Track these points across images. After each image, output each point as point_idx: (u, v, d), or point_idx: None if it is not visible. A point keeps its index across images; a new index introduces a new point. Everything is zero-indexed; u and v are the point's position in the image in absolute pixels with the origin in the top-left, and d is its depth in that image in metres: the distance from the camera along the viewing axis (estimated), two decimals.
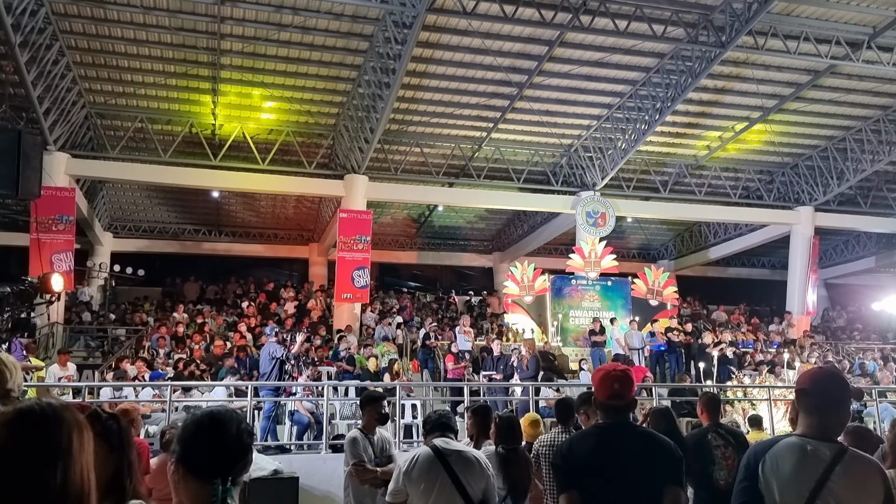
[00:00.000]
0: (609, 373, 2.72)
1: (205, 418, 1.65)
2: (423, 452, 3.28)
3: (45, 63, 11.86)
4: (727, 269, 24.98)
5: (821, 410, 2.24)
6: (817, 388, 2.27)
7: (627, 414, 2.74)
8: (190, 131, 15.20)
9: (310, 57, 12.92)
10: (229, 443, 1.60)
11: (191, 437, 1.62)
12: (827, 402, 2.25)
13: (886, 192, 19.09)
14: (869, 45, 12.41)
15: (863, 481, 2.12)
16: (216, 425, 1.61)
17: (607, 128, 15.81)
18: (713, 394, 5.27)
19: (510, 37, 12.36)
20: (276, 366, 9.94)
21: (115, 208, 20.17)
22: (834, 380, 2.33)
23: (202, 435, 1.60)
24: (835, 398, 2.26)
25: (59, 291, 7.51)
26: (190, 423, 1.66)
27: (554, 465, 2.84)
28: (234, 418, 1.66)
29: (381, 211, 20.25)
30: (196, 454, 1.58)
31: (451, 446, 3.31)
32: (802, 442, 2.19)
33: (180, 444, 1.61)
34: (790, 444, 2.20)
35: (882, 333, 20.73)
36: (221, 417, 1.64)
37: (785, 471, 2.14)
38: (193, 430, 1.63)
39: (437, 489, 3.14)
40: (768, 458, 2.18)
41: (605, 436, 2.65)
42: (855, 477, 2.11)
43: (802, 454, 2.16)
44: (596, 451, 2.58)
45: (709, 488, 4.40)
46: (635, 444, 2.59)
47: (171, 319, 14.92)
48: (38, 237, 12.99)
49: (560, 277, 16.31)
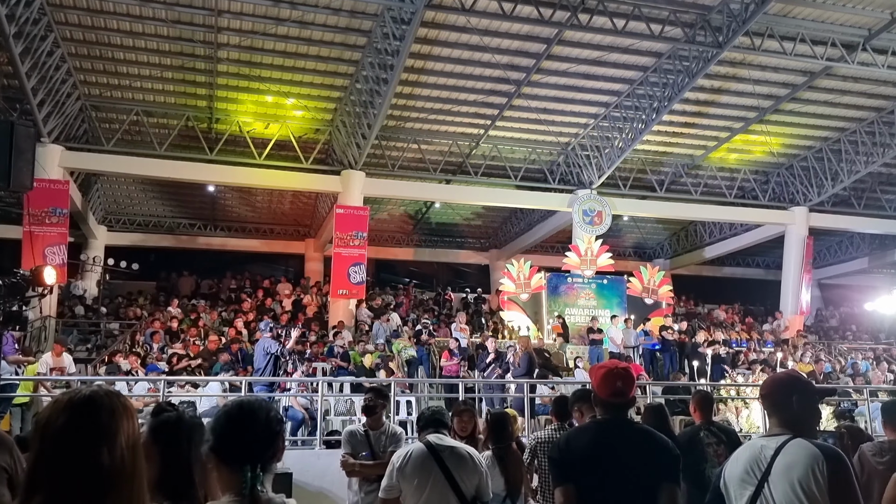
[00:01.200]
0: (611, 370, 2.73)
1: (234, 408, 1.71)
2: (417, 448, 3.29)
3: (39, 54, 11.78)
4: (722, 269, 25.08)
5: (776, 409, 2.42)
6: (767, 391, 2.50)
7: (626, 411, 2.75)
8: (186, 125, 15.12)
9: (307, 52, 12.87)
10: (257, 430, 1.66)
11: (221, 426, 1.68)
12: (776, 402, 2.44)
13: (880, 193, 19.19)
14: (864, 47, 12.46)
15: (795, 465, 2.18)
16: (244, 414, 1.68)
17: (604, 126, 15.83)
18: (706, 392, 5.29)
19: (508, 34, 12.35)
20: (270, 361, 9.93)
21: (110, 201, 20.07)
22: (784, 381, 2.52)
23: (230, 424, 1.67)
24: (781, 396, 2.43)
25: (51, 284, 7.49)
26: (221, 413, 1.73)
27: (551, 459, 2.85)
28: (262, 407, 1.72)
29: (378, 207, 20.22)
30: (225, 443, 1.65)
31: (445, 442, 3.32)
32: (756, 440, 2.41)
33: (212, 434, 1.68)
34: (745, 445, 2.43)
35: (874, 334, 20.87)
36: (250, 406, 1.71)
37: (735, 470, 2.35)
38: (224, 419, 1.69)
39: (430, 485, 3.15)
40: (729, 461, 2.41)
41: (603, 431, 2.66)
42: (790, 462, 2.20)
43: (752, 451, 2.34)
44: (593, 446, 2.59)
45: (701, 486, 4.41)
46: (633, 440, 2.60)
47: (165, 314, 14.87)
48: (30, 230, 12.92)
49: (556, 275, 16.33)
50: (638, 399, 9.80)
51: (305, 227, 21.87)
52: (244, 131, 15.24)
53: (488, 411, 4.78)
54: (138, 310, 15.92)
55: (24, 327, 10.73)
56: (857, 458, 3.66)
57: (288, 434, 9.20)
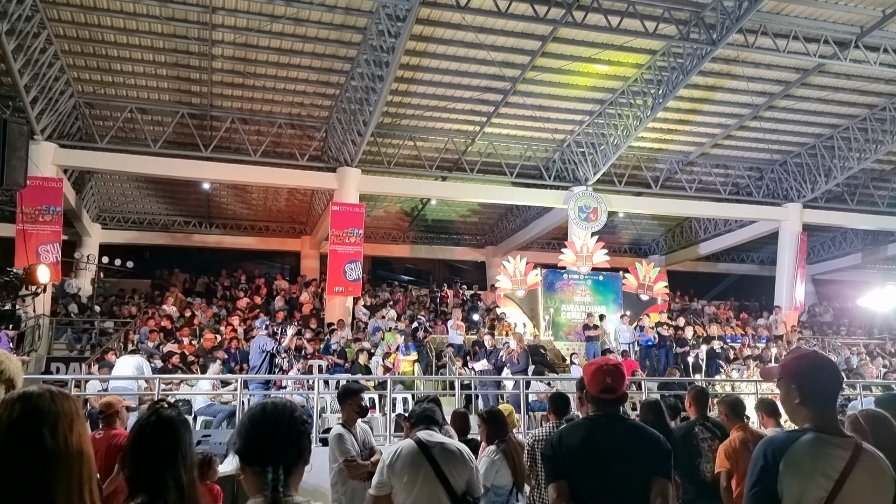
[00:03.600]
0: (601, 367, 2.77)
1: (257, 410, 1.73)
2: (406, 445, 3.31)
3: (32, 51, 11.71)
4: (717, 265, 25.19)
5: (828, 400, 2.07)
6: (820, 375, 2.09)
7: (618, 407, 2.78)
8: (180, 122, 15.07)
9: (302, 49, 12.84)
10: (276, 432, 1.66)
11: (244, 429, 1.70)
12: (830, 390, 2.08)
13: (873, 189, 19.29)
14: (857, 45, 12.52)
15: (878, 480, 1.98)
16: (265, 416, 1.69)
17: (599, 123, 15.85)
18: (702, 388, 5.33)
19: (503, 31, 12.35)
20: (266, 359, 9.92)
21: (104, 199, 19.98)
22: (830, 365, 2.15)
23: (252, 426, 1.68)
24: (836, 386, 2.10)
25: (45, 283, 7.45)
26: (246, 415, 1.74)
27: (544, 456, 2.88)
28: (286, 407, 1.72)
29: (374, 204, 20.21)
30: (247, 445, 1.66)
31: (434, 438, 3.34)
32: (819, 438, 1.99)
33: (238, 437, 1.69)
34: (811, 441, 1.99)
35: (867, 329, 21.00)
36: (273, 408, 1.71)
37: (806, 470, 1.95)
38: (247, 422, 1.71)
39: (419, 481, 3.17)
40: (789, 456, 1.97)
41: (595, 427, 2.69)
42: (872, 475, 1.97)
43: (823, 451, 1.97)
44: (585, 442, 2.62)
45: (695, 481, 4.46)
46: (624, 435, 2.62)
47: (160, 311, 14.83)
48: (24, 228, 12.87)
49: (552, 272, 16.37)
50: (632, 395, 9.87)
51: (301, 225, 21.83)
52: (239, 128, 15.20)
53: (482, 411, 4.79)
54: (133, 308, 15.86)
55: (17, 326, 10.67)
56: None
57: None
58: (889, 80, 14.12)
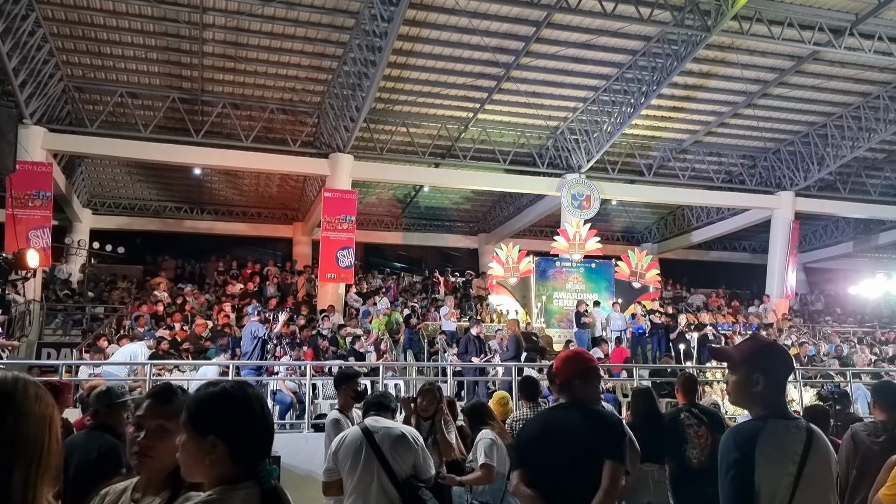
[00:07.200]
0: (567, 357, 2.91)
1: (247, 400, 1.68)
2: (352, 432, 3.44)
3: (20, 34, 11.53)
4: (709, 253, 25.30)
5: (784, 387, 2.22)
6: (784, 366, 2.21)
7: (580, 394, 2.79)
8: (171, 107, 14.92)
9: (294, 33, 12.70)
10: (272, 423, 1.70)
11: (239, 423, 1.65)
12: (786, 379, 2.24)
13: (865, 178, 19.37)
14: (851, 32, 12.50)
15: (827, 460, 2.11)
16: (263, 407, 1.68)
17: (593, 110, 15.81)
18: (690, 374, 5.38)
19: (497, 17, 12.25)
20: (257, 345, 9.93)
21: (95, 184, 19.82)
22: (788, 355, 2.28)
23: (252, 419, 1.65)
24: (790, 374, 2.26)
25: (34, 268, 7.42)
26: (234, 405, 1.69)
27: (509, 447, 3.04)
28: (257, 391, 1.73)
29: (367, 191, 20.14)
30: (246, 440, 1.62)
31: (379, 423, 3.43)
32: (782, 424, 2.09)
33: (231, 428, 1.65)
34: (776, 428, 2.06)
35: (858, 317, 21.19)
36: (256, 395, 1.69)
37: (776, 456, 2.02)
38: (245, 416, 1.67)
39: (361, 466, 3.28)
40: (761, 445, 2.02)
41: (554, 415, 2.84)
42: (823, 455, 2.08)
43: (787, 436, 2.05)
44: (542, 431, 2.76)
45: (682, 466, 4.51)
46: (579, 421, 2.69)
47: (151, 297, 14.78)
48: (13, 212, 12.76)
49: (545, 259, 16.40)
50: (624, 382, 9.95)
51: (293, 211, 21.75)
52: (231, 113, 15.06)
53: (463, 406, 4.85)
54: (124, 294, 15.79)
55: (7, 311, 10.63)
56: (850, 438, 3.56)
57: (277, 418, 9.22)
58: (883, 69, 14.13)
